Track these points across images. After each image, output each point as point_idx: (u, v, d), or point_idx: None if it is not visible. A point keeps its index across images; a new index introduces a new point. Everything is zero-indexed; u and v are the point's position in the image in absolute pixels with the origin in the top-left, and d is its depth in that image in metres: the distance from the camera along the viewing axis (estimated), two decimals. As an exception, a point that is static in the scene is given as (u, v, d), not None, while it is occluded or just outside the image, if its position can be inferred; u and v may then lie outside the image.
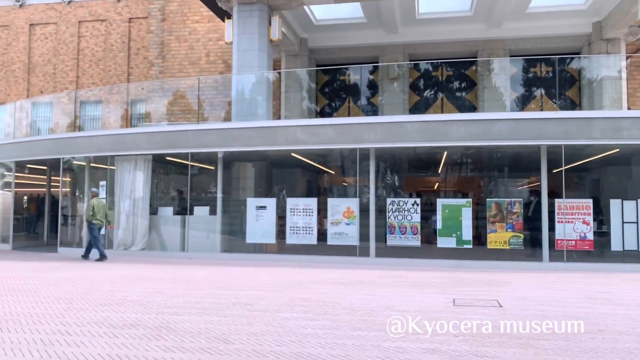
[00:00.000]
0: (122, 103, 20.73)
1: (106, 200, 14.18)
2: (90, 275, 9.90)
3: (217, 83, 18.00)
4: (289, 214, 12.65)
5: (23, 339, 5.27)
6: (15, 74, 27.44)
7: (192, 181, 14.09)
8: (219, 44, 19.82)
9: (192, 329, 5.76)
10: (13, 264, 11.78)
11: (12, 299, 7.40)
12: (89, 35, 26.45)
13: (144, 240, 13.77)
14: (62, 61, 26.69)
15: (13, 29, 27.58)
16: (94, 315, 6.41)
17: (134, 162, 14.11)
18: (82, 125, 20.22)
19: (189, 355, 4.76)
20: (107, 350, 4.90)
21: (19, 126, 18.12)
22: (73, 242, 14.86)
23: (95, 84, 25.52)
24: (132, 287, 8.53)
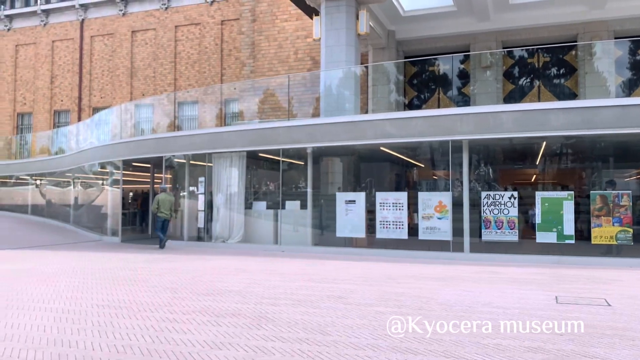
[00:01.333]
0: (216, 103, 21.60)
1: (205, 195, 14.92)
2: (192, 267, 10.47)
3: (305, 80, 18.27)
4: (378, 208, 12.61)
5: (136, 325, 5.69)
6: (120, 78, 29.50)
7: (283, 176, 14.43)
8: (307, 41, 20.12)
9: (289, 319, 5.92)
10: (123, 255, 12.71)
11: (124, 288, 8.00)
12: (184, 39, 27.84)
13: (240, 234, 14.33)
14: (160, 65, 28.33)
15: (117, 36, 29.65)
16: (197, 304, 6.77)
17: (229, 158, 14.70)
18: (180, 125, 21.31)
19: (289, 345, 4.90)
20: (211, 338, 5.17)
21: (125, 127, 19.44)
22: (175, 235, 15.76)
23: (191, 86, 26.85)
24: (231, 278, 8.91)
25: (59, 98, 31.44)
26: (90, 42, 30.50)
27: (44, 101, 31.69)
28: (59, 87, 31.46)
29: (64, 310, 6.39)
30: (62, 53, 31.44)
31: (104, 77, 30.07)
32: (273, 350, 4.77)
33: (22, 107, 32.59)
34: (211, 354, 4.63)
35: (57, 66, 31.52)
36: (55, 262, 11.20)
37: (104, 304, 6.80)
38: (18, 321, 5.84)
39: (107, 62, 30.03)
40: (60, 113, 31.57)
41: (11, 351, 4.73)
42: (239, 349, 4.79)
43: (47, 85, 31.61)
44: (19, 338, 5.16)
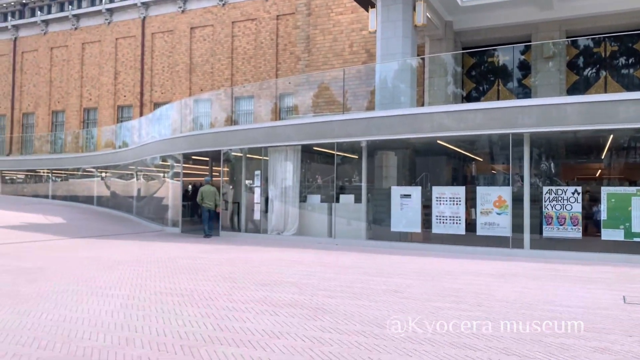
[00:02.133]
0: (271, 97, 21.87)
1: (261, 188, 15.18)
2: (249, 258, 10.68)
3: (360, 73, 18.19)
4: (434, 202, 12.43)
5: (198, 313, 5.87)
6: (179, 74, 30.37)
7: (338, 170, 14.46)
8: (362, 34, 20.01)
9: (345, 311, 5.95)
10: (183, 245, 13.13)
11: (185, 277, 8.27)
12: (241, 34, 28.32)
13: (294, 226, 14.49)
14: (218, 60, 28.95)
15: (177, 33, 30.50)
16: (255, 294, 6.91)
17: (284, 152, 14.87)
18: (237, 119, 21.71)
19: (346, 337, 4.93)
20: (270, 327, 5.27)
21: (184, 122, 20.01)
22: (232, 227, 16.12)
23: (247, 81, 27.30)
24: (287, 270, 9.04)
25: (122, 94, 32.71)
26: (151, 39, 31.53)
27: (108, 97, 33.06)
28: (122, 83, 32.72)
29: (129, 297, 6.67)
30: (125, 50, 32.66)
31: (164, 73, 31.02)
32: (330, 341, 4.80)
33: (88, 103, 34.12)
34: (270, 343, 4.72)
35: (120, 63, 32.79)
36: (120, 251, 11.70)
37: (167, 291, 7.05)
38: (87, 306, 6.15)
39: (167, 59, 30.97)
40: (123, 108, 32.85)
41: (82, 334, 4.98)
42: (296, 339, 4.85)
43: (111, 81, 32.94)
44: (89, 322, 5.43)
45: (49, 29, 35.84)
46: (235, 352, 4.46)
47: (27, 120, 37.21)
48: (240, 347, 4.58)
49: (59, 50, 35.48)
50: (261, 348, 4.57)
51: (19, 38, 37.24)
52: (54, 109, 35.70)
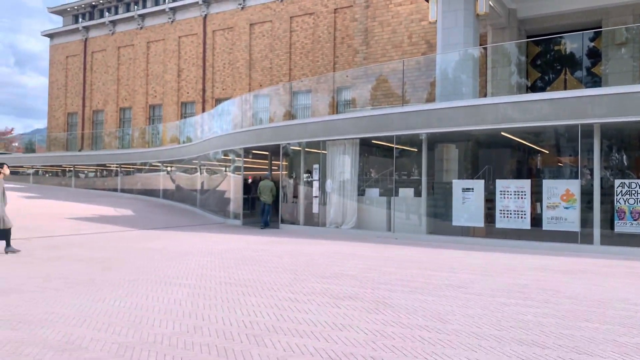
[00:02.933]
0: (329, 91, 21.91)
1: (319, 181, 15.29)
2: (308, 250, 10.79)
3: (419, 64, 17.92)
4: (498, 196, 12.10)
5: (261, 303, 5.99)
6: (239, 70, 30.96)
7: (396, 163, 14.33)
8: (421, 24, 19.69)
9: (407, 305, 5.90)
10: (245, 237, 13.42)
11: (248, 268, 8.45)
12: (299, 29, 28.50)
13: (353, 220, 14.50)
14: (277, 56, 29.28)
15: (236, 30, 31.08)
16: (316, 286, 6.98)
17: (342, 146, 14.89)
18: (295, 114, 21.90)
19: (408, 331, 4.90)
20: (331, 319, 5.31)
21: (245, 117, 20.41)
22: (292, 219, 16.33)
23: (305, 75, 27.48)
24: (346, 263, 9.06)
25: (185, 90, 33.72)
26: (212, 37, 32.28)
27: (172, 93, 34.17)
28: (185, 80, 33.73)
29: (195, 286, 6.90)
30: (187, 48, 33.63)
31: (225, 70, 31.71)
32: (393, 335, 4.78)
33: (153, 100, 35.41)
34: (332, 335, 4.75)
35: (183, 60, 33.79)
36: (184, 242, 12.11)
37: (231, 282, 7.24)
38: (157, 295, 6.41)
39: (227, 55, 31.63)
40: (186, 104, 33.87)
41: (153, 321, 5.20)
42: (358, 332, 4.87)
43: (175, 78, 34.02)
44: (159, 310, 5.66)
45: (116, 29, 37.39)
46: (298, 342, 4.53)
47: (97, 117, 39.07)
48: (304, 338, 4.65)
49: (125, 50, 36.98)
50: (324, 339, 4.62)
51: (89, 39, 39.08)
52: (121, 106, 37.29)
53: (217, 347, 4.39)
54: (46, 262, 8.93)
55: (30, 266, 8.45)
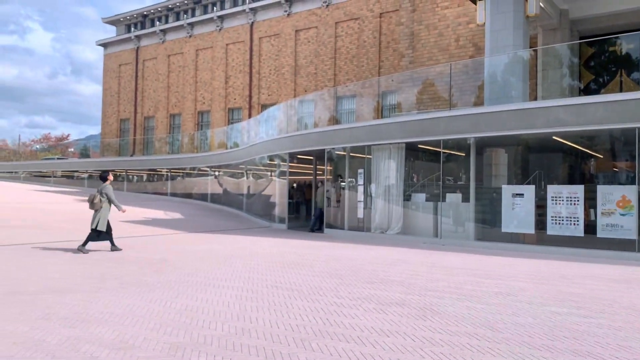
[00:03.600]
0: (373, 96, 21.86)
1: (364, 186, 15.25)
2: (354, 255, 10.77)
3: (467, 68, 17.63)
4: (550, 202, 11.73)
5: (307, 307, 6.02)
6: (285, 76, 31.31)
7: (443, 168, 14.12)
8: (469, 27, 19.38)
9: (455, 313, 5.81)
10: (289, 241, 13.53)
11: (293, 272, 8.52)
12: (344, 34, 28.59)
13: (398, 225, 14.38)
14: (322, 61, 29.46)
15: (282, 36, 31.45)
16: (362, 291, 6.96)
17: (387, 150, 14.80)
18: (340, 119, 21.95)
19: (456, 339, 4.81)
20: (378, 324, 5.28)
21: (290, 122, 20.60)
22: (336, 224, 16.34)
23: (350, 80, 27.51)
24: (392, 269, 9.00)
25: (232, 97, 34.37)
26: (258, 43, 32.79)
27: (220, 100, 34.89)
28: (232, 86, 34.38)
29: (242, 289, 7.00)
30: (234, 55, 34.28)
31: (271, 76, 32.13)
32: (440, 342, 4.72)
33: (202, 106, 36.24)
34: (379, 340, 4.73)
35: (230, 67, 34.47)
36: (232, 245, 12.31)
37: (277, 285, 7.31)
38: (206, 296, 6.54)
39: (273, 62, 32.05)
40: (233, 110, 34.51)
41: (203, 322, 5.31)
42: (406, 338, 4.82)
43: (222, 85, 34.73)
44: (207, 311, 5.78)
45: (166, 38, 38.52)
46: (345, 347, 4.52)
47: (147, 123, 40.31)
48: (350, 343, 4.64)
49: (175, 57, 38.03)
50: (370, 345, 4.60)
51: (141, 47, 40.40)
52: (171, 112, 38.34)
53: (265, 349, 4.44)
54: (100, 262, 9.27)
55: (86, 267, 8.78)
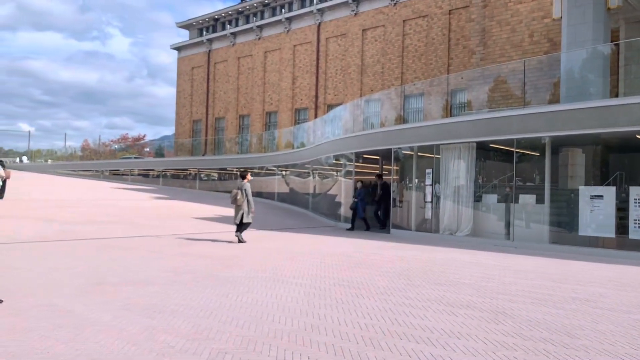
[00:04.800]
0: (442, 94, 21.42)
1: (432, 186, 14.99)
2: (421, 256, 10.62)
3: (541, 64, 16.93)
4: (632, 205, 11.05)
5: (375, 306, 6.01)
6: (351, 76, 31.32)
7: (516, 168, 13.63)
8: (543, 22, 18.62)
9: (529, 317, 5.60)
10: (355, 240, 13.53)
11: (361, 271, 8.51)
12: (412, 32, 28.23)
13: (468, 227, 14.03)
14: (388, 60, 29.23)
15: (349, 36, 31.48)
16: (431, 292, 6.85)
17: (457, 150, 14.47)
18: (407, 118, 21.69)
19: (531, 344, 4.64)
20: (448, 326, 5.18)
21: (356, 122, 20.58)
22: (403, 225, 16.17)
23: (417, 78, 27.13)
24: (462, 271, 8.80)
25: (298, 97, 34.81)
26: (325, 44, 33.00)
27: (287, 100, 35.42)
28: (299, 87, 34.81)
29: (310, 286, 7.08)
30: (301, 56, 34.69)
31: (337, 76, 32.25)
32: (514, 346, 4.57)
33: (269, 107, 36.94)
34: (450, 342, 4.64)
35: (297, 68, 34.91)
36: (298, 243, 12.47)
37: (344, 284, 7.34)
38: (274, 292, 6.67)
39: (339, 62, 32.16)
40: (299, 111, 34.93)
41: (272, 317, 5.42)
42: (477, 341, 4.71)
43: (289, 86, 35.24)
44: (277, 307, 5.89)
45: (236, 41, 39.56)
46: (415, 347, 4.48)
47: (218, 124, 41.57)
48: (420, 344, 4.59)
49: (244, 60, 38.99)
50: (441, 346, 4.53)
51: (212, 50, 41.72)
52: (240, 113, 39.34)
53: (334, 346, 4.47)
54: (175, 257, 9.66)
55: (161, 261, 9.18)
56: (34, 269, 7.87)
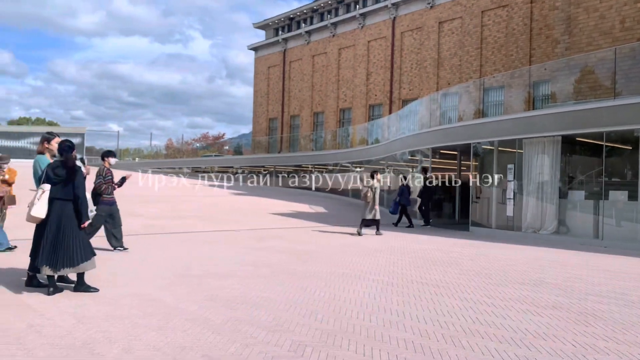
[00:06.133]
0: (524, 86, 20.54)
1: (514, 183, 14.44)
2: (502, 255, 10.26)
3: (634, 52, 15.81)
4: None
5: (455, 305, 5.89)
6: (427, 70, 30.76)
7: (606, 163, 12.84)
8: (636, 6, 17.36)
9: (622, 320, 5.28)
10: (432, 238, 13.30)
11: (438, 269, 8.37)
12: (491, 23, 27.29)
13: (553, 225, 13.39)
14: (466, 52, 28.43)
15: (425, 29, 30.92)
16: (514, 292, 6.62)
17: (541, 144, 13.84)
18: (486, 112, 21.01)
19: (625, 348, 4.38)
20: (532, 327, 4.99)
21: (432, 117, 20.19)
22: (482, 222, 15.69)
23: (497, 70, 26.19)
24: (547, 270, 8.42)
25: (373, 93, 34.65)
26: (400, 38, 32.62)
27: (361, 97, 35.36)
28: (373, 83, 34.65)
29: (387, 283, 7.05)
30: (375, 51, 34.49)
31: (412, 70, 31.79)
32: (606, 350, 4.32)
33: (343, 103, 37.04)
34: (535, 343, 4.47)
35: (371, 64, 34.75)
36: (374, 240, 12.44)
37: (422, 281, 7.24)
38: (352, 288, 6.70)
39: (415, 56, 31.67)
40: (374, 107, 34.78)
41: (351, 312, 5.45)
42: (565, 343, 4.50)
43: (363, 82, 35.15)
44: (355, 302, 5.92)
45: (311, 39, 39.98)
46: (497, 347, 4.35)
47: (293, 122, 42.25)
48: (503, 344, 4.45)
49: (319, 57, 39.33)
50: (525, 347, 4.37)
51: (287, 49, 42.42)
52: (315, 111, 39.76)
53: (414, 343, 4.43)
54: (254, 251, 9.93)
55: (241, 255, 9.48)
56: (124, 260, 8.38)
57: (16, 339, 4.23)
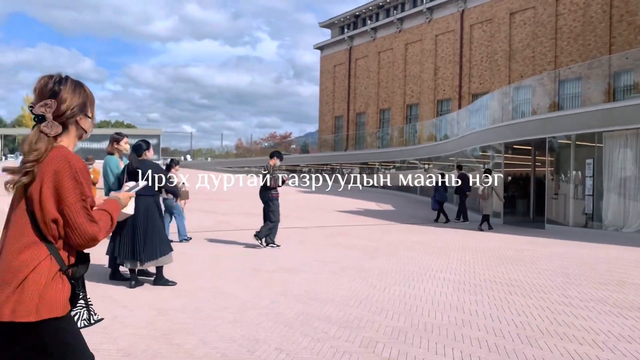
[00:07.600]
0: (603, 77, 19.45)
1: (593, 178, 13.71)
2: (581, 253, 9.79)
3: None
4: None
5: (530, 304, 5.69)
6: (498, 62, 29.78)
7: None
8: None
9: None
10: (505, 236, 12.88)
11: (512, 268, 8.11)
12: (566, 12, 26.03)
13: (637, 222, 12.61)
14: (540, 43, 27.28)
15: (495, 21, 29.95)
16: (594, 292, 6.31)
17: (623, 137, 13.08)
18: (562, 104, 20.09)
19: None
20: (616, 329, 4.74)
21: (504, 111, 19.53)
22: (558, 219, 15.02)
23: (573, 61, 24.94)
24: (631, 270, 7.96)
25: (441, 88, 33.96)
26: (469, 31, 31.77)
27: (428, 92, 34.75)
28: (441, 77, 33.96)
29: (458, 281, 6.91)
30: (443, 45, 33.78)
31: (483, 64, 30.89)
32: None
33: (410, 99, 36.56)
34: (619, 346, 4.25)
35: (439, 58, 34.07)
36: (444, 237, 12.22)
37: (495, 279, 7.05)
38: (423, 286, 6.63)
39: (485, 49, 30.75)
40: (442, 102, 34.08)
41: (422, 310, 5.40)
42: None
43: (431, 77, 34.53)
44: (426, 300, 5.85)
45: (376, 35, 39.72)
46: (577, 349, 4.17)
47: (359, 119, 42.17)
48: (584, 346, 4.26)
49: (385, 54, 39.02)
50: (608, 350, 4.16)
51: (353, 47, 42.39)
52: (381, 108, 39.50)
53: (488, 342, 4.33)
54: (322, 248, 10.03)
55: (309, 251, 9.60)
56: (199, 255, 8.71)
57: (102, 328, 4.51)
